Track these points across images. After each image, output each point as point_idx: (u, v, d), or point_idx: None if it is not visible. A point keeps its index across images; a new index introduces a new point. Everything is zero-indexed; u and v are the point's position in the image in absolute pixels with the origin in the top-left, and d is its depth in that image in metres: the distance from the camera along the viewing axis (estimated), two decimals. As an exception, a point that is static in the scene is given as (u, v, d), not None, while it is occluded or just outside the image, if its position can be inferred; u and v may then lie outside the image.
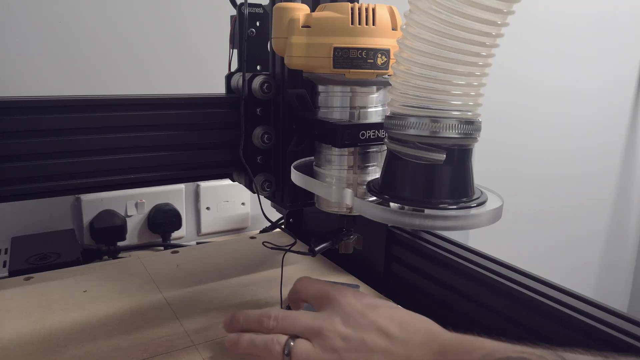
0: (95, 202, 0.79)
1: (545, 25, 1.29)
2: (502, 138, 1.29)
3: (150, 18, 0.81)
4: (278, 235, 0.80)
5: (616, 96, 1.52)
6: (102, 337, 0.50)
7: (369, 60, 0.45)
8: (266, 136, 0.58)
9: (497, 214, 0.40)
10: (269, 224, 0.93)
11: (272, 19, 0.50)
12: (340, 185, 0.50)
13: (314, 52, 0.47)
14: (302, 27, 0.47)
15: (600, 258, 1.67)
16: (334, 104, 0.50)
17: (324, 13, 0.47)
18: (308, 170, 0.53)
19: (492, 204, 0.41)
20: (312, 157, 0.54)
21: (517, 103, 1.29)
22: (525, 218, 1.41)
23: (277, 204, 0.61)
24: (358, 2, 0.55)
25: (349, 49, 0.45)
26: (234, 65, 0.62)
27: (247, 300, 0.58)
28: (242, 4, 0.58)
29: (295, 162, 0.54)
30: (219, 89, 0.63)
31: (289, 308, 0.54)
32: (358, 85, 0.48)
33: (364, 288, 0.63)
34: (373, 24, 0.45)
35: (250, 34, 0.61)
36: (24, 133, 0.50)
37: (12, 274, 0.64)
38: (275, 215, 0.75)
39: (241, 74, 0.59)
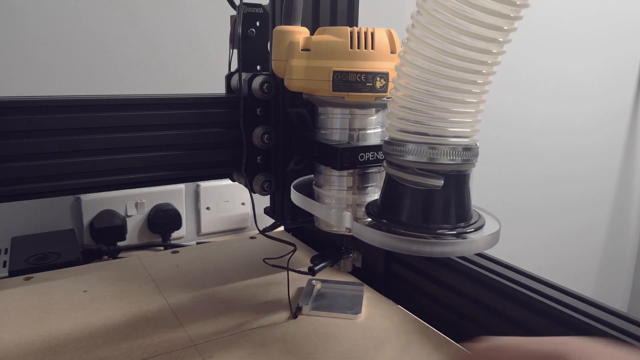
0: (95, 202, 0.79)
1: (545, 21, 1.29)
2: (503, 134, 1.29)
3: (149, 18, 0.81)
4: (279, 235, 0.80)
5: (617, 92, 1.52)
6: (102, 337, 0.50)
7: (367, 84, 0.46)
8: (266, 136, 0.58)
9: (494, 239, 0.41)
10: (269, 223, 0.93)
11: (272, 41, 0.51)
12: (339, 206, 0.51)
13: (313, 75, 0.47)
14: (301, 50, 0.48)
15: (600, 254, 1.67)
16: (333, 125, 0.50)
17: (323, 37, 0.47)
18: (308, 190, 0.53)
19: (489, 227, 0.42)
20: (312, 176, 0.55)
21: (517, 99, 1.29)
22: (526, 212, 1.41)
23: (277, 220, 0.62)
24: (357, 26, 0.56)
25: (348, 72, 0.46)
26: (234, 66, 0.62)
27: (247, 301, 0.58)
28: (240, 4, 0.58)
29: (295, 182, 0.55)
30: (219, 88, 0.63)
31: (295, 316, 0.54)
32: (357, 107, 0.49)
33: (364, 288, 0.63)
34: (372, 48, 0.46)
35: (250, 34, 0.61)
36: (24, 133, 0.50)
37: (12, 274, 0.64)
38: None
39: (241, 74, 0.59)
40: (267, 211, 0.64)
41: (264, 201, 0.61)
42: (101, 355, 0.47)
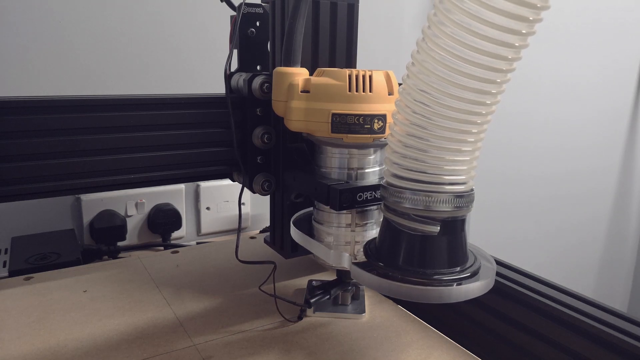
0: (95, 202, 0.79)
1: (545, 18, 1.29)
2: (503, 132, 1.29)
3: (150, 18, 0.81)
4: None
5: (617, 90, 1.52)
6: (102, 337, 0.50)
7: (366, 126, 0.47)
8: (266, 136, 0.58)
9: (489, 283, 0.41)
10: (264, 225, 0.93)
11: (273, 82, 0.52)
12: (338, 243, 0.51)
13: (312, 117, 0.48)
14: (301, 92, 0.48)
15: (600, 253, 1.67)
16: (332, 164, 0.51)
17: (322, 79, 0.48)
18: (307, 225, 0.54)
19: (484, 270, 0.42)
20: (312, 209, 0.55)
21: (517, 98, 1.29)
22: (525, 211, 1.41)
23: (277, 252, 0.62)
24: (355, 66, 0.56)
25: (346, 115, 0.46)
26: (234, 65, 0.62)
27: (248, 301, 0.58)
28: (240, 4, 0.58)
29: (294, 216, 0.56)
30: (219, 88, 0.63)
31: (300, 318, 0.54)
32: (355, 148, 0.49)
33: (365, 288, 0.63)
34: (370, 91, 0.47)
35: (250, 34, 0.61)
36: (24, 133, 0.50)
37: (12, 274, 0.64)
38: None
39: (241, 74, 0.59)
40: (267, 241, 0.64)
41: (259, 203, 0.60)
42: (101, 355, 0.47)
